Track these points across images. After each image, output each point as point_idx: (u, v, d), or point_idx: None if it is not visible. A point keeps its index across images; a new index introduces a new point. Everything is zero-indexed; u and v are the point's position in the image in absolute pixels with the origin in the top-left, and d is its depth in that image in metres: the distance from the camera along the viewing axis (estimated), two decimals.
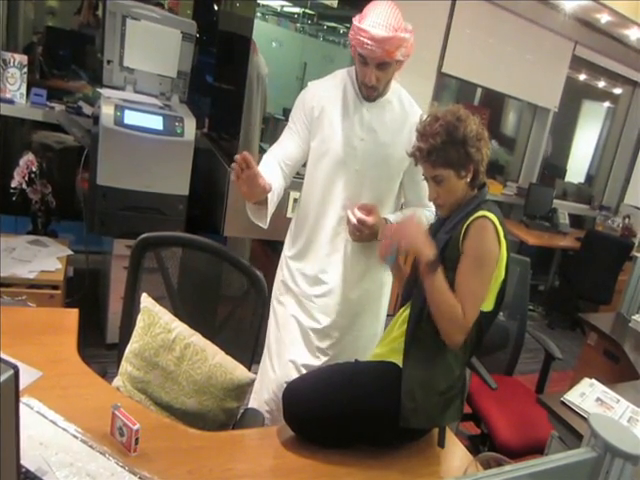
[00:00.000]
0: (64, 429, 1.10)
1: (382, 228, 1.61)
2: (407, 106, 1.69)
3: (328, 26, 3.70)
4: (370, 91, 1.61)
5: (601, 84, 5.72)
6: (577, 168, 6.08)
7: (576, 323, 4.65)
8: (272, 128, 3.06)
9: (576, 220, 5.29)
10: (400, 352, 1.30)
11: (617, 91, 5.77)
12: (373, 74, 1.55)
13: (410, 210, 1.74)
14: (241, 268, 1.54)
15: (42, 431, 1.07)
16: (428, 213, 1.72)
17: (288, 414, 1.28)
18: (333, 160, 1.65)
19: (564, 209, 5.05)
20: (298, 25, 3.61)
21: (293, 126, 1.67)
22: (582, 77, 5.46)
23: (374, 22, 1.48)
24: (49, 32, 3.67)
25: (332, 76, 1.72)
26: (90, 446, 1.06)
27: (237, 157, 1.33)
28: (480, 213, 1.29)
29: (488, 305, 1.31)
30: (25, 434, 1.04)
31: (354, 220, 1.59)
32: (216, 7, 3.73)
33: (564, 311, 4.79)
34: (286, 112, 3.14)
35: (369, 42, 1.48)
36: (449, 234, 1.31)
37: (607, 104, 6.12)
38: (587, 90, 5.78)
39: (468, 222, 1.28)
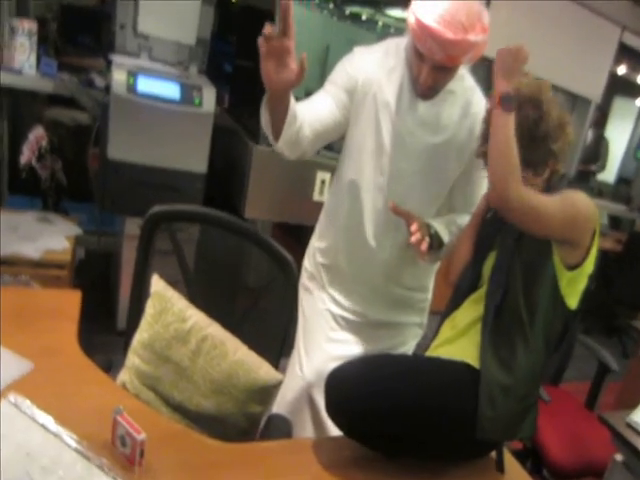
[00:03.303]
0: (56, 435, 0.91)
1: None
2: (469, 94, 1.38)
3: (351, 12, 3.50)
4: (424, 90, 1.32)
5: None
6: (608, 168, 5.77)
7: (613, 330, 4.40)
8: None
9: (613, 221, 5.01)
10: (469, 348, 1.10)
11: None
12: (429, 76, 1.27)
13: (457, 217, 1.44)
14: (268, 250, 1.33)
15: (29, 437, 0.89)
16: None
17: (333, 404, 1.06)
18: (375, 156, 1.38)
19: (602, 209, 4.75)
20: (321, 7, 3.42)
21: (331, 89, 1.36)
22: (621, 70, 5.09)
23: (440, 16, 1.16)
24: (63, 9, 3.52)
25: (383, 50, 1.40)
26: (86, 457, 0.88)
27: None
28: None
29: (573, 302, 1.11)
30: (9, 440, 0.87)
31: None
32: None
33: (600, 316, 4.54)
34: (308, 94, 2.97)
35: (429, 41, 1.19)
36: None
37: None
38: (621, 85, 5.42)
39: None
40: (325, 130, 1.34)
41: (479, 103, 1.38)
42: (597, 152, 5.53)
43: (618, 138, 5.76)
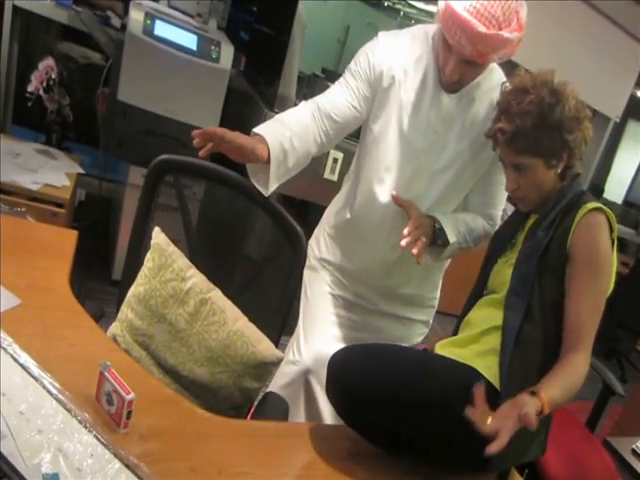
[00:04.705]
0: (37, 379, 0.84)
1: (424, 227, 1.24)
2: (496, 93, 1.26)
3: None
4: (450, 83, 1.25)
5: None
6: (615, 190, 5.76)
7: (612, 353, 4.38)
8: (306, 86, 2.76)
9: (619, 243, 4.97)
10: (481, 356, 1.06)
11: None
12: (456, 69, 1.19)
13: (468, 218, 1.38)
14: (278, 219, 1.27)
15: (8, 377, 0.82)
16: (488, 226, 1.39)
17: (336, 387, 1.01)
18: (396, 151, 1.30)
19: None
20: None
21: (352, 81, 1.29)
22: None
23: (473, 5, 1.08)
24: None
25: (410, 37, 1.31)
26: (67, 409, 0.81)
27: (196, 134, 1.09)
28: (590, 205, 1.05)
29: None
30: None
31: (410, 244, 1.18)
32: None
33: (600, 338, 4.53)
34: (325, 72, 2.89)
35: (458, 33, 1.10)
36: (548, 233, 1.06)
37: None
38: (637, 108, 5.38)
39: (578, 217, 1.04)
40: (345, 122, 1.30)
41: None
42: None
43: (628, 161, 5.72)
